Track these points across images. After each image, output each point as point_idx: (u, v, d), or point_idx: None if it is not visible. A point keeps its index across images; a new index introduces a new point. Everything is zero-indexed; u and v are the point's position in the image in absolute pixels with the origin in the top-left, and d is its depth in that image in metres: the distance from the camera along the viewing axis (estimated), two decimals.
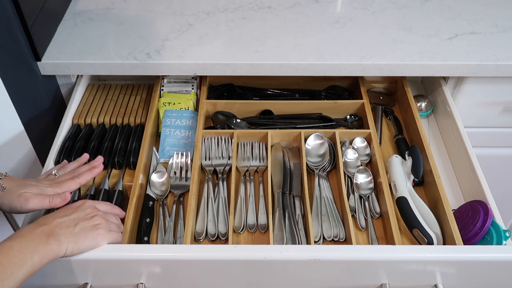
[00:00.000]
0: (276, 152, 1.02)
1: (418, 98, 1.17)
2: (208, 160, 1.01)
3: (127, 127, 1.06)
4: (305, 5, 1.22)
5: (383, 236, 0.91)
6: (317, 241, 0.88)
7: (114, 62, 1.04)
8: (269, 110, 1.12)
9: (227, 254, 0.75)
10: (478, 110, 1.16)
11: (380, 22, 1.16)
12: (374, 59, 1.05)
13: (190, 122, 1.08)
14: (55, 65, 1.04)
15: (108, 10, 1.19)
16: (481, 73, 1.06)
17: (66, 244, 0.71)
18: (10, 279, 0.63)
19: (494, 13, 1.19)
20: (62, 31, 1.12)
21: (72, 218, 0.74)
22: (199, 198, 0.95)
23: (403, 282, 0.80)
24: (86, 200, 0.80)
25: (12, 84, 0.93)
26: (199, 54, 1.06)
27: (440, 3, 1.23)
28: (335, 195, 0.97)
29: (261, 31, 1.13)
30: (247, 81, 1.19)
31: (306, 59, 1.05)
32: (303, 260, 0.75)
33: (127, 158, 0.98)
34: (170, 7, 1.21)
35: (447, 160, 1.07)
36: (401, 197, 0.91)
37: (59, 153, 0.97)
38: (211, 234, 0.89)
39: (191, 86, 1.15)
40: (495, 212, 0.86)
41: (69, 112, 1.06)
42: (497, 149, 1.25)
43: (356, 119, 1.12)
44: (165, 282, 0.80)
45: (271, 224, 0.87)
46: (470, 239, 0.85)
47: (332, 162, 1.02)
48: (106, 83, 1.18)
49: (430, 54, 1.06)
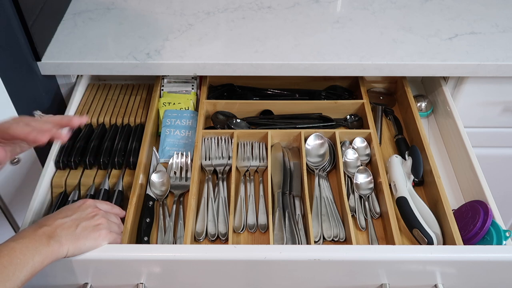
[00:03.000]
0: (276, 152, 1.02)
1: (418, 98, 1.17)
2: (208, 160, 1.01)
3: (127, 127, 1.06)
4: (305, 5, 1.22)
5: (383, 236, 0.91)
6: (317, 241, 0.88)
7: (114, 62, 1.04)
8: (269, 110, 1.12)
9: (227, 254, 0.75)
10: (478, 110, 1.16)
11: (380, 22, 1.16)
12: (374, 59, 1.05)
13: (190, 122, 1.08)
14: (55, 65, 1.04)
15: (108, 10, 1.19)
16: (481, 73, 1.06)
17: (67, 246, 0.71)
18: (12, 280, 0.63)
19: (494, 13, 1.19)
20: (62, 31, 1.12)
21: (73, 218, 0.75)
22: (199, 198, 0.95)
23: (403, 282, 0.80)
24: (87, 200, 0.80)
25: (12, 84, 0.93)
26: (199, 54, 1.06)
27: (440, 3, 1.23)
28: (335, 195, 0.97)
29: (261, 31, 1.13)
30: (247, 81, 1.19)
31: (306, 59, 1.05)
32: (303, 260, 0.75)
33: (127, 158, 0.98)
34: (170, 7, 1.21)
35: (447, 160, 1.07)
36: (401, 197, 0.91)
37: (59, 153, 0.97)
38: (211, 234, 0.89)
39: (191, 86, 1.15)
40: (495, 212, 0.86)
41: (69, 112, 1.06)
42: (497, 149, 1.25)
43: (356, 119, 1.12)
44: (165, 282, 0.80)
45: (271, 224, 0.87)
46: (470, 239, 0.85)
47: (332, 162, 1.02)
48: (106, 83, 1.18)
49: (430, 54, 1.06)
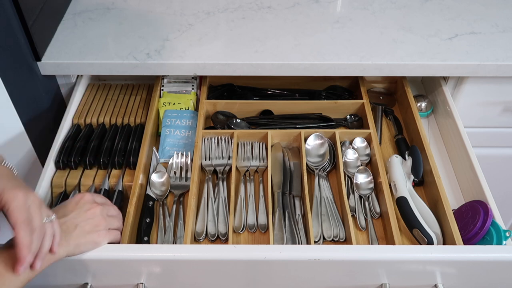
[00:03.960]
0: (276, 152, 1.02)
1: (418, 98, 1.17)
2: (208, 160, 1.01)
3: (127, 127, 1.06)
4: (305, 5, 1.22)
5: (383, 236, 0.91)
6: (317, 241, 0.88)
7: (114, 62, 1.04)
8: (269, 110, 1.12)
9: (227, 254, 0.75)
10: (478, 110, 1.16)
11: (380, 22, 1.16)
12: (374, 59, 1.05)
13: (190, 122, 1.08)
14: (55, 65, 1.04)
15: (108, 10, 1.19)
16: (481, 73, 1.06)
17: (67, 248, 0.71)
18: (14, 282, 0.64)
19: (494, 13, 1.19)
20: (62, 31, 1.12)
21: (72, 217, 0.74)
22: (199, 198, 0.95)
23: (403, 282, 0.80)
24: (84, 194, 0.78)
25: (12, 84, 0.93)
26: (199, 54, 1.06)
27: (440, 3, 1.23)
28: (335, 195, 0.97)
29: (261, 31, 1.13)
30: (247, 81, 1.19)
31: (306, 59, 1.05)
32: (303, 260, 0.75)
33: (127, 158, 0.98)
34: (170, 7, 1.21)
35: (447, 160, 1.07)
36: (401, 197, 0.91)
37: (59, 153, 0.97)
38: (211, 234, 0.89)
39: (191, 86, 1.15)
40: (495, 212, 0.86)
41: (69, 112, 1.06)
42: (497, 149, 1.25)
43: (356, 119, 1.12)
44: (165, 282, 0.80)
45: (271, 224, 0.87)
46: (470, 239, 0.85)
47: (332, 162, 1.02)
48: (106, 83, 1.18)
49: (430, 54, 1.06)
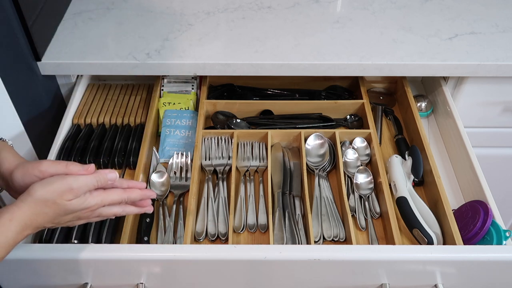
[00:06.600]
0: (276, 152, 1.02)
1: (418, 98, 1.17)
2: (208, 160, 1.01)
3: (127, 127, 1.06)
4: (305, 5, 1.22)
5: (383, 236, 0.91)
6: (317, 241, 0.88)
7: (114, 62, 1.04)
8: (269, 110, 1.12)
9: (227, 254, 0.75)
10: (478, 110, 1.16)
11: (380, 22, 1.16)
12: (374, 59, 1.05)
13: (190, 122, 1.08)
14: (55, 65, 1.04)
15: (108, 10, 1.19)
16: (481, 73, 1.06)
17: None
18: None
19: (494, 13, 1.19)
20: (62, 31, 1.12)
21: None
22: (199, 198, 0.95)
23: (403, 282, 0.80)
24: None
25: (12, 84, 0.93)
26: (199, 54, 1.06)
27: (440, 3, 1.23)
28: (335, 195, 0.97)
29: (261, 31, 1.13)
30: (247, 81, 1.19)
31: (306, 59, 1.05)
32: (303, 260, 0.75)
33: (127, 158, 0.98)
34: (170, 7, 1.21)
35: (447, 160, 1.07)
36: (401, 197, 0.91)
37: (59, 153, 0.97)
38: (211, 234, 0.89)
39: (191, 86, 1.15)
40: (495, 212, 0.86)
41: (69, 112, 1.06)
42: (497, 149, 1.25)
43: (356, 119, 1.12)
44: (165, 282, 0.80)
45: (271, 224, 0.87)
46: (470, 239, 0.85)
47: (332, 162, 1.02)
48: (106, 83, 1.18)
49: (430, 54, 1.06)
